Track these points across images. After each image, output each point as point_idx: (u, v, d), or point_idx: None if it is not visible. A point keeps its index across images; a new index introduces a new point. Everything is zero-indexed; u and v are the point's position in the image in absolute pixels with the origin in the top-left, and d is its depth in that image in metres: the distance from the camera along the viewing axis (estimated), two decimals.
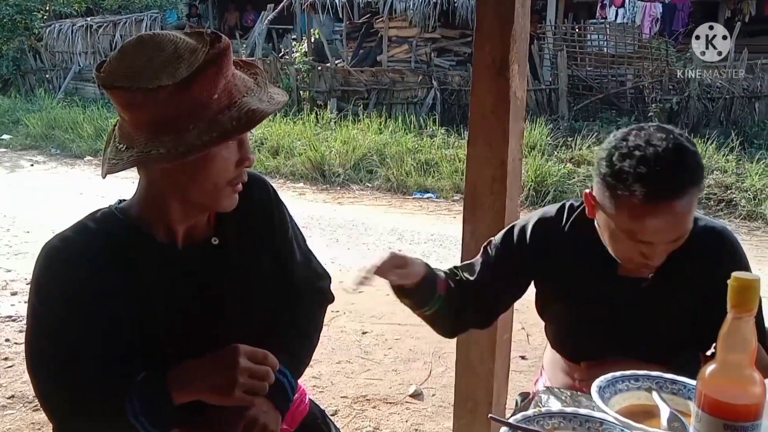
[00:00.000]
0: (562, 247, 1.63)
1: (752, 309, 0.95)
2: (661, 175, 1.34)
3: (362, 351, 3.99)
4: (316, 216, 7.06)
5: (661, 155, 1.36)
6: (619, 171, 1.38)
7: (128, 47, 1.20)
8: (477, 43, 2.06)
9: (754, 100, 9.33)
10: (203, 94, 1.17)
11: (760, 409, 0.98)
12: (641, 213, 1.38)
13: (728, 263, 1.44)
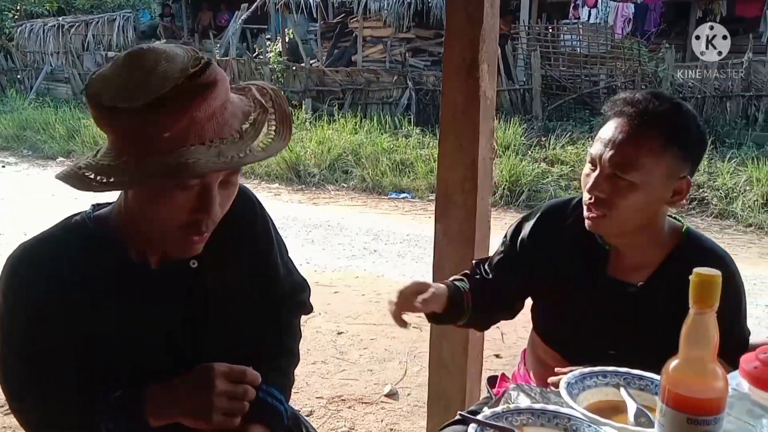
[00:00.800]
0: (562, 241, 1.64)
1: (713, 304, 0.96)
2: (643, 99, 1.45)
3: (337, 351, 3.96)
4: (292, 216, 7.02)
5: (657, 95, 1.47)
6: (614, 99, 1.51)
7: (121, 58, 1.13)
8: (447, 43, 2.06)
9: (725, 99, 9.46)
10: (152, 129, 1.06)
11: (722, 402, 0.98)
12: (607, 126, 1.48)
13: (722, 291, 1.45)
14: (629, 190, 1.43)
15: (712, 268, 0.97)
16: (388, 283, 4.92)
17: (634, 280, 1.55)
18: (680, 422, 0.98)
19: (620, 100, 1.48)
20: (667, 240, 1.55)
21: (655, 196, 1.45)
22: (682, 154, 1.44)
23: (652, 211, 1.48)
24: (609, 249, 1.59)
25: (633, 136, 1.42)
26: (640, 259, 1.56)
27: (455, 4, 1.99)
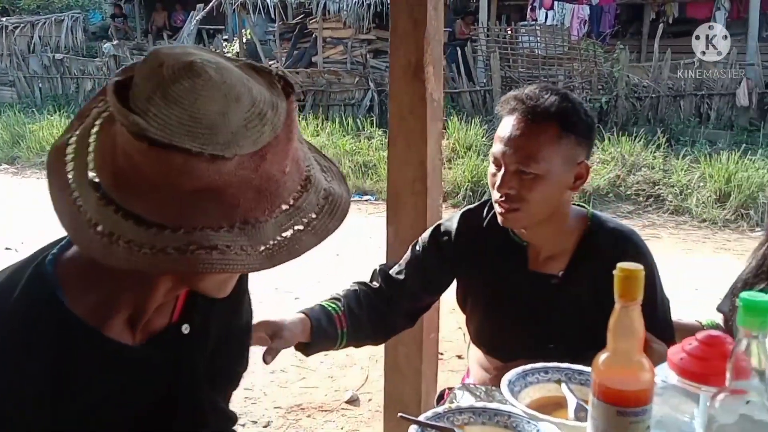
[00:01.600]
0: (481, 242, 1.68)
1: (637, 297, 0.98)
2: (533, 94, 1.50)
3: (297, 359, 3.90)
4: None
5: (544, 88, 1.53)
6: (505, 98, 1.56)
7: (183, 80, 0.79)
8: (392, 46, 2.08)
9: (678, 98, 9.68)
10: (275, 168, 0.83)
11: (649, 393, 1.00)
12: (503, 124, 1.52)
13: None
14: (535, 182, 1.48)
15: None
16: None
17: (554, 270, 1.61)
18: (610, 415, 1.01)
19: (511, 98, 1.53)
20: (575, 226, 1.61)
21: (560, 184, 1.52)
22: (577, 140, 1.51)
23: (558, 198, 1.54)
24: (526, 245, 1.64)
25: (530, 131, 1.48)
26: (555, 249, 1.62)
27: (399, 7, 2.01)
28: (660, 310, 1.61)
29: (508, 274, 1.65)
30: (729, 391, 0.95)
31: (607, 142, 8.46)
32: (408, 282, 1.73)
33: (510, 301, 1.65)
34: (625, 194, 7.64)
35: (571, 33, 11.10)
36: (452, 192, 7.79)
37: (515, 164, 1.49)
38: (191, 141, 0.77)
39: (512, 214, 1.53)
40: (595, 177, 7.72)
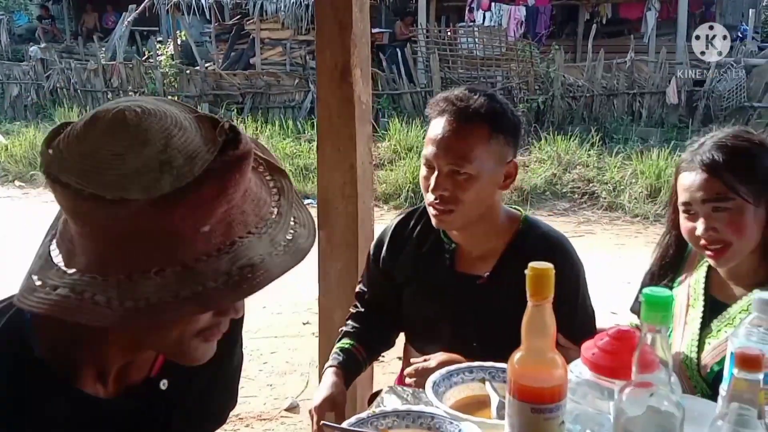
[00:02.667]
0: (412, 247, 1.72)
1: (548, 296, 1.00)
2: (462, 96, 1.54)
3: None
4: None
5: (472, 90, 1.57)
6: (435, 101, 1.59)
7: (99, 121, 0.78)
8: (318, 49, 2.07)
9: (612, 97, 9.92)
10: (187, 224, 0.77)
11: (562, 390, 1.03)
12: (434, 126, 1.54)
13: (560, 271, 1.51)
14: (469, 182, 1.52)
15: (546, 262, 1.02)
16: (291, 293, 4.85)
17: (480, 271, 1.64)
18: (525, 412, 1.03)
19: (441, 100, 1.57)
20: (506, 228, 1.65)
21: (492, 183, 1.56)
22: (506, 139, 1.56)
23: (490, 197, 1.58)
24: (454, 247, 1.68)
25: (462, 132, 1.52)
26: (484, 251, 1.65)
27: (324, 10, 2.01)
28: (580, 315, 1.64)
29: (437, 275, 1.68)
30: (635, 385, 0.98)
31: (543, 141, 8.62)
32: (375, 299, 1.81)
33: (438, 301, 1.69)
34: (561, 192, 7.80)
35: (508, 34, 11.27)
36: (394, 194, 7.81)
37: (448, 165, 1.52)
38: (77, 177, 0.75)
39: (447, 216, 1.56)
40: (532, 176, 7.86)
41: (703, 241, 1.47)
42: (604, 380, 1.11)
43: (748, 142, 1.48)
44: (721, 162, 1.43)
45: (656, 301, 0.95)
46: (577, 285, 1.63)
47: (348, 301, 2.22)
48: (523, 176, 7.83)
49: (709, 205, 1.45)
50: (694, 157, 1.48)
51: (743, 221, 1.44)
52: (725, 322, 1.52)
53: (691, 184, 1.47)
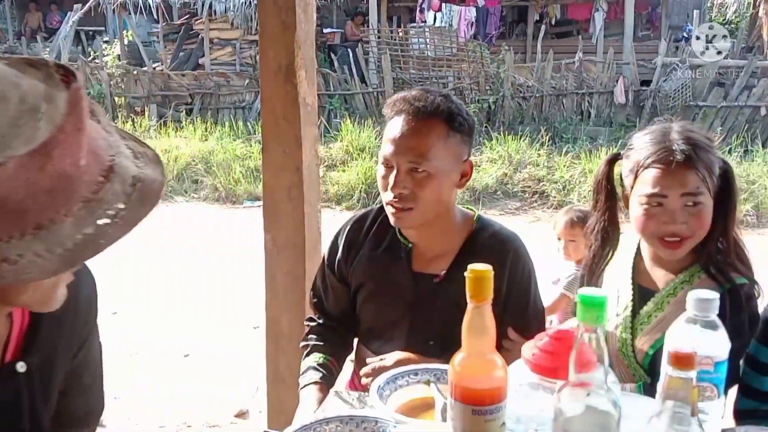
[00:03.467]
0: (369, 248, 1.73)
1: (488, 297, 1.02)
2: (419, 96, 1.57)
3: (185, 374, 3.78)
4: (133, 233, 6.64)
5: (428, 90, 1.60)
6: (392, 101, 1.62)
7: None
8: (262, 49, 2.05)
9: (561, 97, 10.08)
10: (68, 162, 0.77)
11: (503, 391, 1.03)
12: (392, 126, 1.56)
13: (513, 268, 1.62)
14: (427, 180, 1.54)
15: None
16: (242, 297, 4.77)
17: (436, 270, 1.66)
18: (466, 414, 1.03)
19: (398, 100, 1.59)
20: (461, 228, 1.68)
21: (449, 181, 1.59)
22: (461, 138, 1.59)
23: (447, 196, 1.61)
24: (411, 246, 1.69)
25: (421, 130, 1.54)
26: (439, 250, 1.67)
27: (267, 10, 1.98)
28: (531, 311, 1.68)
29: (394, 274, 1.69)
30: (573, 385, 0.98)
31: (494, 141, 8.71)
32: (334, 307, 1.80)
33: (395, 300, 1.70)
34: (512, 191, 7.90)
35: (459, 35, 11.35)
36: (347, 195, 7.79)
37: (407, 163, 1.54)
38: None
39: (405, 214, 1.58)
40: (484, 175, 7.94)
41: (670, 235, 1.49)
42: (545, 380, 1.11)
43: (705, 136, 1.53)
44: (696, 156, 1.45)
45: (591, 301, 0.95)
46: (529, 281, 1.67)
47: (295, 304, 2.20)
48: (474, 176, 7.87)
49: (684, 200, 1.47)
50: (667, 151, 1.47)
51: (708, 215, 1.49)
52: (654, 308, 1.58)
53: (665, 178, 1.47)
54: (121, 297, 4.88)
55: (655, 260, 1.61)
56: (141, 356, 4.01)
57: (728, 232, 1.55)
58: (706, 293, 1.08)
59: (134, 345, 4.13)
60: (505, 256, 1.63)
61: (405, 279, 1.68)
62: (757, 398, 1.56)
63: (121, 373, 3.72)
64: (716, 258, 1.54)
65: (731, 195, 1.54)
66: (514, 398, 1.10)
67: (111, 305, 4.71)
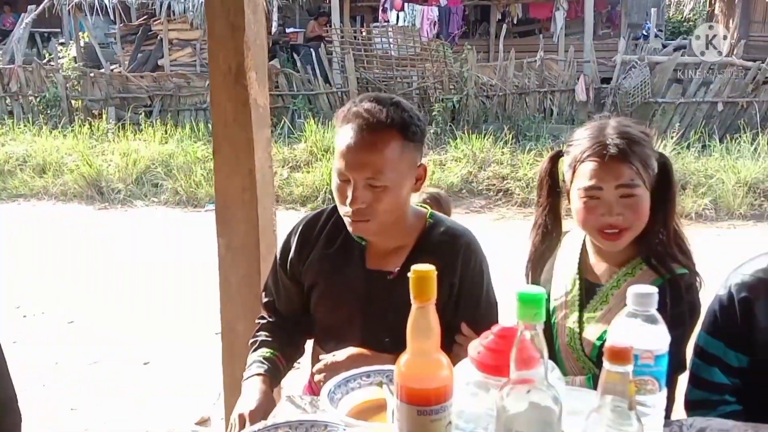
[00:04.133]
0: (322, 247, 1.72)
1: (431, 297, 1.01)
2: (371, 109, 1.54)
3: (144, 383, 3.72)
4: (91, 238, 6.56)
5: (379, 100, 1.57)
6: (342, 112, 1.59)
7: None
8: (211, 51, 2.02)
9: (524, 95, 10.16)
10: None
11: (448, 391, 1.03)
12: (344, 137, 1.53)
13: (465, 263, 1.64)
14: (385, 193, 1.54)
15: (428, 264, 1.03)
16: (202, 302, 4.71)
17: (390, 267, 1.66)
18: (411, 415, 1.02)
19: (349, 113, 1.56)
20: (414, 225, 1.69)
21: (405, 189, 1.59)
22: (415, 145, 1.58)
23: (404, 202, 1.61)
24: (365, 244, 1.69)
25: (376, 145, 1.52)
26: (393, 248, 1.67)
27: (214, 11, 1.96)
28: (484, 306, 1.68)
29: (348, 273, 1.69)
30: (514, 382, 0.98)
31: (459, 140, 8.76)
32: (286, 307, 1.78)
33: (348, 298, 1.69)
34: (477, 190, 7.94)
35: (422, 34, 11.37)
36: (311, 196, 7.76)
37: (365, 179, 1.52)
38: None
39: (363, 224, 1.58)
40: (449, 174, 7.98)
41: (609, 228, 1.53)
42: (491, 378, 1.11)
43: (641, 131, 1.57)
44: (629, 150, 1.50)
45: (529, 299, 0.95)
46: (482, 276, 1.68)
47: (251, 309, 2.17)
48: (440, 175, 7.94)
49: (619, 192, 1.51)
50: (602, 145, 1.52)
51: (645, 207, 1.53)
52: (599, 301, 1.62)
53: (600, 171, 1.51)
54: (77, 305, 4.80)
55: (599, 254, 1.65)
56: (100, 365, 3.94)
57: (668, 223, 1.58)
58: (645, 288, 1.09)
59: (93, 354, 4.05)
60: (458, 251, 1.64)
61: (358, 277, 1.68)
62: (705, 389, 1.59)
63: (80, 384, 3.65)
64: (656, 249, 1.58)
65: (669, 187, 1.59)
66: (461, 397, 1.10)
67: (68, 314, 4.64)
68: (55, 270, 5.67)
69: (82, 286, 5.27)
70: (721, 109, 9.41)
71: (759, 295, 1.53)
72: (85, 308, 4.76)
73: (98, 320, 4.59)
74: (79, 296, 5.02)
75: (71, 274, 5.58)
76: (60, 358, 4.00)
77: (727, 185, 7.33)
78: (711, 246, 6.04)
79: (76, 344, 4.18)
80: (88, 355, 4.02)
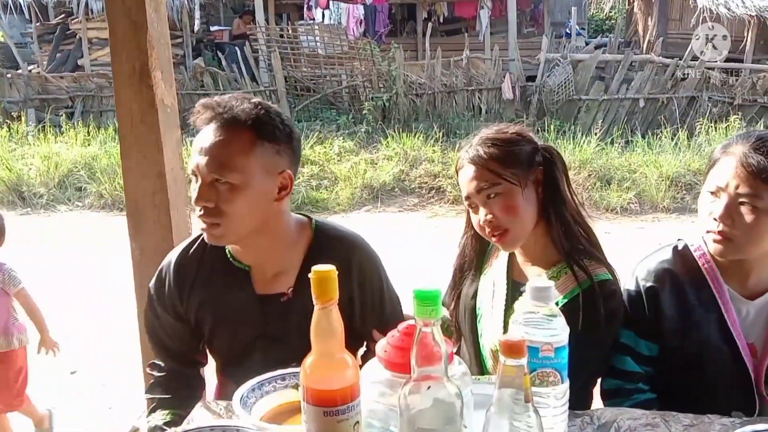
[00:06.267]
0: (203, 276, 1.62)
1: (333, 298, 1.01)
2: (224, 103, 1.49)
3: (72, 392, 3.58)
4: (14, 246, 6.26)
5: (237, 97, 1.52)
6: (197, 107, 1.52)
7: None
8: (113, 50, 1.96)
9: (452, 94, 10.28)
10: None
11: (354, 390, 1.03)
12: (198, 135, 1.49)
13: (361, 269, 1.59)
14: (233, 193, 1.45)
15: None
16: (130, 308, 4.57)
17: (282, 289, 1.58)
18: (318, 417, 1.02)
19: (202, 106, 1.50)
20: (298, 239, 1.60)
21: (260, 194, 1.48)
22: (274, 148, 1.49)
23: (263, 210, 1.51)
24: (249, 268, 1.60)
25: (224, 139, 1.45)
26: (280, 267, 1.59)
27: (115, 10, 1.90)
28: (387, 305, 1.66)
29: (235, 302, 1.59)
30: (415, 379, 0.98)
31: (390, 138, 8.80)
32: (176, 345, 1.68)
33: (242, 328, 1.61)
34: (409, 188, 8.00)
35: (348, 33, 11.37)
36: None
37: (210, 174, 1.44)
38: None
39: (214, 229, 1.48)
40: (380, 173, 8.00)
41: (487, 229, 1.56)
42: (399, 376, 1.11)
43: (505, 133, 1.59)
44: (485, 154, 1.54)
45: (425, 296, 0.96)
46: (380, 277, 1.65)
47: None
48: (372, 174, 7.95)
49: (483, 194, 1.54)
50: (465, 155, 1.59)
51: (514, 203, 1.54)
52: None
53: (466, 179, 1.57)
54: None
55: (527, 256, 1.65)
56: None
57: (562, 215, 1.59)
58: (543, 282, 1.11)
59: None
60: (351, 257, 1.57)
61: (249, 304, 1.58)
62: (619, 378, 1.63)
63: None
64: (569, 249, 1.58)
65: (554, 179, 1.60)
66: (370, 396, 1.10)
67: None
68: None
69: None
70: (643, 105, 9.74)
71: (664, 285, 1.58)
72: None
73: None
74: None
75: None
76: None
77: (650, 179, 7.60)
78: (635, 239, 6.26)
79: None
80: None
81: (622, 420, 1.34)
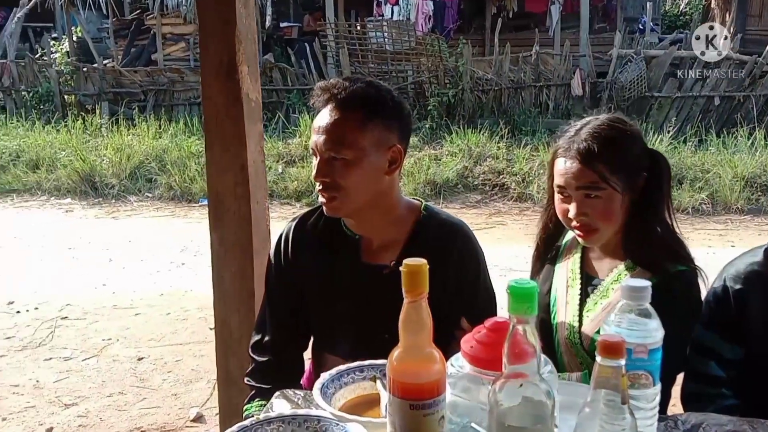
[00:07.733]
0: (316, 244, 1.70)
1: (423, 292, 1.00)
2: (337, 84, 1.57)
3: (138, 379, 3.68)
4: (86, 234, 6.52)
5: (349, 78, 1.60)
6: (314, 92, 1.61)
7: None
8: (202, 45, 2.01)
9: (519, 90, 10.14)
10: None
11: (440, 384, 1.02)
12: (317, 116, 1.57)
13: (461, 256, 1.62)
14: (347, 168, 1.54)
15: (420, 258, 1.01)
16: (197, 297, 4.70)
17: (386, 260, 1.64)
18: (404, 409, 1.02)
19: (319, 89, 1.59)
20: (406, 217, 1.67)
21: (374, 169, 1.57)
22: (383, 123, 1.56)
23: (375, 183, 1.59)
24: (358, 238, 1.67)
25: (338, 118, 1.54)
26: (387, 241, 1.66)
27: (206, 5, 1.94)
28: (482, 298, 1.68)
29: (343, 268, 1.67)
30: (506, 376, 0.97)
31: (454, 135, 8.74)
32: (284, 320, 1.74)
33: (346, 294, 1.67)
34: (472, 184, 7.93)
35: (417, 28, 11.34)
36: (306, 191, 7.73)
37: (327, 152, 1.53)
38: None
39: (332, 203, 1.58)
40: (444, 169, 7.96)
41: (575, 223, 1.55)
42: (484, 373, 1.10)
43: (621, 132, 1.55)
44: (596, 152, 1.50)
45: (521, 292, 0.94)
46: (478, 268, 1.67)
47: (244, 304, 2.16)
48: (435, 170, 7.92)
49: (582, 192, 1.53)
50: (571, 144, 1.55)
51: (612, 208, 1.53)
52: (600, 295, 1.62)
53: (566, 171, 1.54)
54: (71, 300, 4.78)
55: (602, 249, 1.64)
56: (94, 361, 3.92)
57: (659, 221, 1.57)
58: (639, 282, 1.08)
59: (88, 350, 4.03)
60: (453, 243, 1.63)
61: (353, 272, 1.66)
62: (702, 382, 1.59)
63: (75, 380, 3.64)
64: (644, 249, 1.56)
65: (660, 185, 1.58)
66: (454, 392, 1.10)
67: (61, 311, 4.62)
68: (49, 265, 5.65)
69: (75, 278, 5.27)
70: (718, 104, 9.41)
71: (753, 288, 1.53)
72: (78, 303, 4.74)
73: (92, 316, 4.56)
74: (71, 289, 5.00)
75: (63, 267, 5.57)
76: (54, 353, 3.98)
77: (724, 180, 7.33)
78: (708, 241, 6.05)
79: (69, 339, 4.16)
80: (84, 351, 4.00)
81: (708, 426, 1.30)
